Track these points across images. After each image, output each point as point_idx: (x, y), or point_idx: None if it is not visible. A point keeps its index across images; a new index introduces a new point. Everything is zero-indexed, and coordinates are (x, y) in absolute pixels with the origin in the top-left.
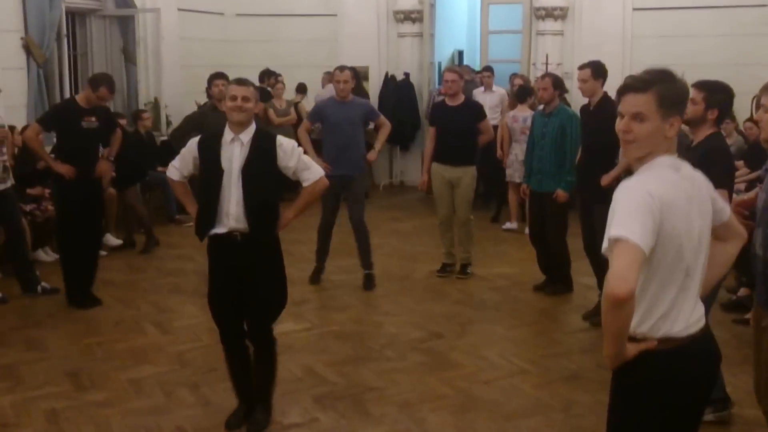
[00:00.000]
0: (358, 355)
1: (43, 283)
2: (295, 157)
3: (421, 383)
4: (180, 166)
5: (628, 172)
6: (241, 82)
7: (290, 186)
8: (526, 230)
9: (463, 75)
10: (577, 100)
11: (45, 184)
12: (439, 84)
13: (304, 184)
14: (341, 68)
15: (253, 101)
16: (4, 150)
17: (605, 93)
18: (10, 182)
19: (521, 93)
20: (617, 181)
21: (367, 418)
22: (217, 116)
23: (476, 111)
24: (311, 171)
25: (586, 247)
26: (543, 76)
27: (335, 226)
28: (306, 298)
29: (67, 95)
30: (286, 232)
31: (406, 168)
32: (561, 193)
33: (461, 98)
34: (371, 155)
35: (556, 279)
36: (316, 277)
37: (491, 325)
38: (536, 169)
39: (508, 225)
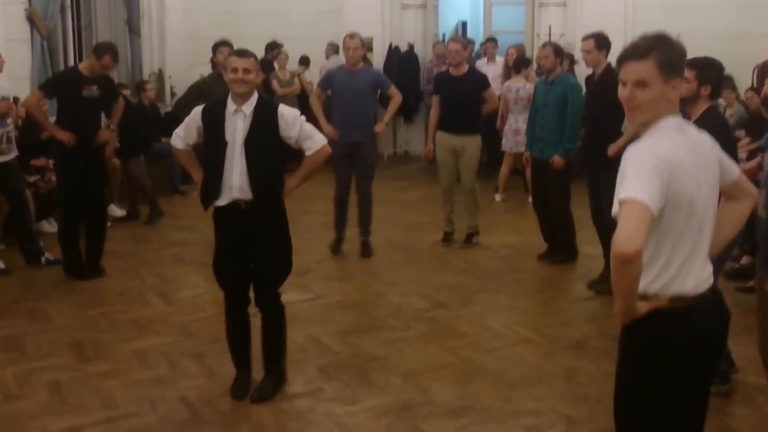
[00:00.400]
0: (362, 324)
1: (47, 254)
2: (297, 126)
3: (425, 352)
4: (184, 135)
5: (635, 139)
6: (242, 53)
7: (294, 155)
8: (530, 199)
9: (466, 45)
10: (583, 71)
11: (48, 155)
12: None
13: (307, 153)
14: (351, 35)
15: (255, 72)
16: (9, 121)
17: (609, 63)
18: (14, 153)
19: (516, 63)
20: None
21: (371, 387)
22: (221, 84)
23: (480, 80)
24: (314, 140)
25: (594, 217)
26: (544, 45)
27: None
28: (310, 268)
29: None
30: (289, 201)
31: (410, 138)
32: (557, 159)
33: (465, 68)
34: (379, 127)
35: (560, 247)
36: (336, 247)
37: (495, 294)
38: (538, 137)
39: (497, 197)
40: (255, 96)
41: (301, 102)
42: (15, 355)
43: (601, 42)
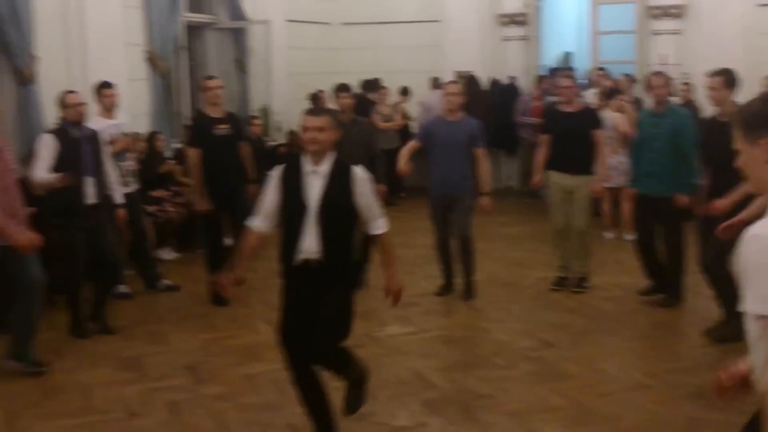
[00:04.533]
0: (465, 360)
1: (164, 280)
2: (365, 196)
3: (532, 393)
4: (267, 208)
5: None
6: (315, 112)
7: None
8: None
9: (576, 79)
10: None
11: (166, 187)
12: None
13: (373, 232)
14: (452, 81)
15: (329, 130)
16: (130, 155)
17: (736, 103)
18: (136, 186)
19: (607, 95)
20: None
21: (476, 425)
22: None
23: (593, 118)
24: (378, 223)
25: (703, 264)
26: (657, 74)
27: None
28: (412, 301)
29: (187, 104)
30: (392, 235)
31: (512, 172)
32: (681, 197)
33: (578, 104)
34: (484, 201)
35: (666, 287)
36: (442, 292)
37: (607, 336)
38: (647, 172)
39: (607, 235)
40: (332, 155)
41: (402, 136)
42: (137, 375)
43: (729, 80)
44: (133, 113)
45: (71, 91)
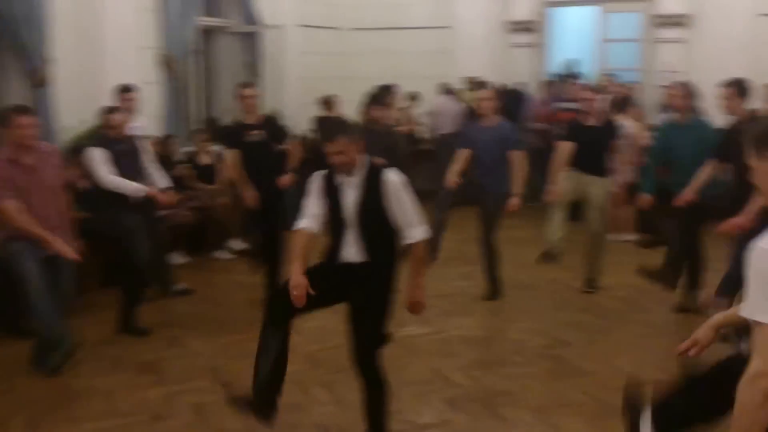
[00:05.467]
0: (485, 359)
1: (179, 284)
2: (400, 199)
3: (552, 389)
4: (313, 210)
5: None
6: (329, 137)
7: None
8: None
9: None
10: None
11: (178, 191)
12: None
13: (405, 240)
14: (485, 86)
15: (348, 150)
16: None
17: (749, 111)
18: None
19: (621, 103)
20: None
21: (500, 421)
22: (372, 134)
23: (614, 130)
24: (416, 230)
25: None
26: (679, 84)
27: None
28: (428, 302)
29: (200, 107)
30: None
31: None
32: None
33: (599, 116)
34: (514, 202)
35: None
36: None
37: (620, 334)
38: (677, 182)
39: (625, 236)
40: (364, 163)
41: (410, 140)
42: (157, 378)
43: (741, 90)
44: (145, 116)
45: (113, 108)
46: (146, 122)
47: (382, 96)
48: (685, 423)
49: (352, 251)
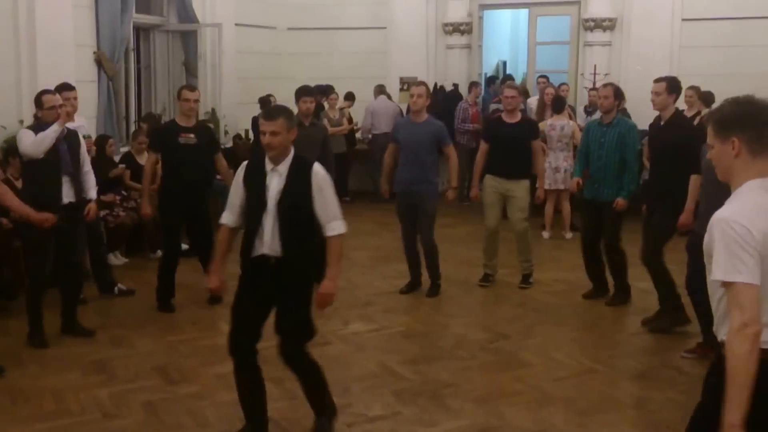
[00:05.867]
0: (429, 353)
1: (119, 285)
2: (323, 193)
3: (494, 380)
4: (234, 201)
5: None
6: (270, 115)
7: None
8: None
9: (521, 92)
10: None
11: (117, 192)
12: (488, 95)
13: (328, 233)
14: (418, 83)
15: (284, 133)
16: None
17: (677, 109)
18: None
19: (558, 103)
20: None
21: (447, 411)
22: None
23: (533, 129)
24: (337, 223)
25: (645, 258)
26: (605, 85)
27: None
28: (371, 301)
29: (133, 106)
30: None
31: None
32: (621, 201)
33: (518, 115)
34: (450, 194)
35: (617, 288)
36: (407, 290)
37: (555, 327)
38: (594, 179)
39: (544, 234)
40: (290, 155)
41: (349, 140)
42: (106, 378)
43: (672, 87)
44: (83, 116)
45: (47, 91)
46: (85, 122)
47: (310, 89)
48: None
49: (268, 242)
